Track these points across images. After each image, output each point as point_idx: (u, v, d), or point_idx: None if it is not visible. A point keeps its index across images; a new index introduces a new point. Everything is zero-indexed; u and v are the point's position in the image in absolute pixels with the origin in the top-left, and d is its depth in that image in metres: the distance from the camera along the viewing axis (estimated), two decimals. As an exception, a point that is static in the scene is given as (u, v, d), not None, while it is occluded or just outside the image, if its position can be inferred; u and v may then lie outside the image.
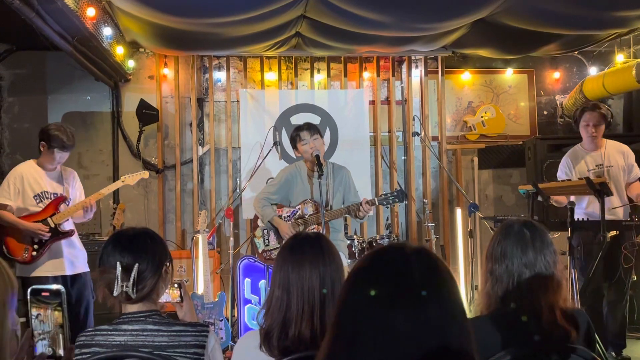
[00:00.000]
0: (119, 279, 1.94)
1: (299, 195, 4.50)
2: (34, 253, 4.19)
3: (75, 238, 4.42)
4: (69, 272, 4.31)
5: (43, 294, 1.53)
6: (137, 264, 1.96)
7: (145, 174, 4.83)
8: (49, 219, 4.23)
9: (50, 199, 4.29)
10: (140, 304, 1.99)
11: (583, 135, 4.68)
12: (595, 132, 4.58)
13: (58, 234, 4.26)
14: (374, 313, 1.02)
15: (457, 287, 1.08)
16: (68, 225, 4.36)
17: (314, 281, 1.88)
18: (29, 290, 1.57)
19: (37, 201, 4.26)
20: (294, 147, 4.50)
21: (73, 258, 4.37)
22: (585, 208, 4.52)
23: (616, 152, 4.65)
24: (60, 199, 4.32)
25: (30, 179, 4.27)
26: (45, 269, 4.23)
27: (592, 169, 4.60)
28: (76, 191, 4.50)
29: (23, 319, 1.59)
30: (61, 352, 1.53)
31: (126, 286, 1.94)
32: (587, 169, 4.59)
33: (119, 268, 1.94)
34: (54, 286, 1.56)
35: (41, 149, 4.26)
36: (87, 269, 4.45)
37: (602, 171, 4.56)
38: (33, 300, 1.52)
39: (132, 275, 1.94)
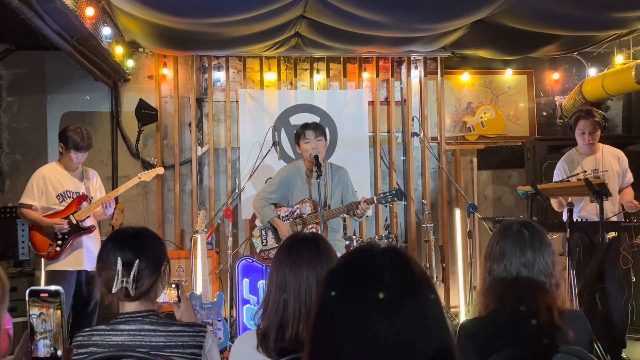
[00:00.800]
0: (120, 274, 1.94)
1: (297, 194, 4.51)
2: (58, 249, 4.46)
3: (95, 235, 4.67)
4: (87, 267, 4.51)
5: (42, 295, 1.53)
6: (137, 260, 1.96)
7: (161, 170, 5.17)
8: (70, 216, 4.50)
9: (73, 197, 4.58)
10: (137, 303, 1.99)
11: (579, 142, 4.69)
12: (591, 139, 4.60)
13: (79, 230, 4.54)
14: (349, 316, 1.01)
15: (432, 285, 1.07)
16: (89, 222, 4.61)
17: (311, 282, 1.88)
18: (27, 291, 1.58)
19: (60, 200, 4.55)
20: (297, 142, 4.55)
21: (91, 255, 4.54)
22: (579, 212, 4.52)
23: (611, 157, 4.67)
24: (82, 197, 4.59)
25: (53, 180, 4.56)
26: (68, 263, 4.50)
27: (588, 173, 4.61)
28: (97, 190, 4.76)
29: (22, 319, 1.59)
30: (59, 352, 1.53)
31: (126, 282, 1.94)
32: (584, 174, 4.61)
33: (119, 264, 1.94)
34: (53, 287, 1.56)
35: (60, 150, 4.58)
36: None
37: (597, 176, 4.57)
38: (34, 300, 1.52)
39: (133, 271, 1.95)
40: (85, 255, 4.53)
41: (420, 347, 1.00)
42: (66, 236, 4.48)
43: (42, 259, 4.60)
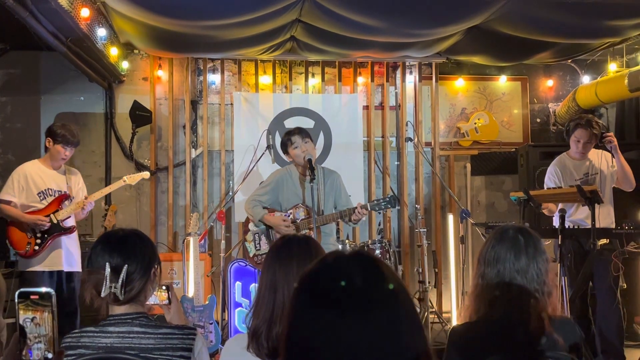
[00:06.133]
0: (108, 280, 1.92)
1: (289, 198, 4.49)
2: (36, 247, 4.36)
3: (75, 236, 4.58)
4: (65, 268, 4.45)
5: (32, 297, 1.52)
6: (126, 265, 1.95)
7: (146, 175, 5.07)
8: (51, 215, 4.40)
9: (54, 196, 4.47)
10: (127, 306, 1.98)
11: (571, 147, 4.71)
12: (583, 150, 4.62)
13: (60, 229, 4.44)
14: (321, 325, 0.99)
15: (404, 287, 1.05)
16: (69, 222, 4.52)
17: None
18: (17, 293, 1.56)
19: (41, 198, 4.44)
20: (285, 151, 4.50)
21: (70, 255, 4.51)
22: (569, 216, 4.54)
23: (602, 159, 4.68)
24: (64, 197, 4.50)
25: (35, 177, 4.46)
26: (45, 263, 4.40)
27: (580, 178, 4.63)
28: (79, 190, 4.67)
29: (12, 320, 1.58)
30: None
31: (115, 287, 1.92)
32: (575, 178, 4.62)
33: (108, 269, 1.93)
34: (43, 289, 1.55)
35: (47, 145, 4.47)
36: (81, 269, 4.55)
37: (588, 180, 4.59)
38: (27, 304, 1.51)
39: (121, 276, 1.93)
40: (63, 255, 4.45)
41: (397, 353, 0.98)
42: (45, 235, 4.38)
43: (18, 259, 4.49)
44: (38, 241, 4.36)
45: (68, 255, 4.46)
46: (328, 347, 0.97)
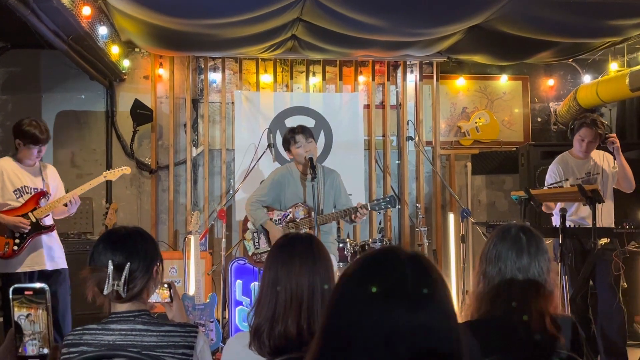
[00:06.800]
0: (110, 278, 1.93)
1: (290, 197, 4.49)
2: (15, 247, 4.18)
3: (54, 234, 4.41)
4: (48, 267, 4.31)
5: (26, 293, 1.52)
6: (129, 263, 1.95)
7: (127, 170, 4.76)
8: (29, 214, 4.22)
9: (31, 193, 4.29)
10: (129, 304, 1.98)
11: (575, 146, 4.71)
12: (587, 150, 4.62)
13: (39, 228, 4.26)
14: (366, 316, 1.03)
15: (449, 292, 1.10)
16: (48, 220, 4.36)
17: (302, 278, 1.88)
18: (10, 289, 1.55)
19: (17, 196, 4.26)
20: (287, 149, 4.49)
21: (53, 253, 4.37)
22: (570, 216, 4.54)
23: (604, 159, 4.69)
24: (41, 194, 4.31)
25: (10, 174, 4.27)
26: (25, 264, 4.23)
27: (582, 177, 4.63)
28: (57, 186, 4.50)
29: (-1, 319, 1.57)
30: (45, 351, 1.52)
31: (117, 285, 1.93)
32: (577, 177, 4.62)
33: (110, 267, 1.93)
34: (37, 285, 1.55)
35: (17, 146, 4.28)
36: (66, 266, 4.45)
37: (590, 179, 4.59)
38: (22, 300, 1.51)
39: (124, 274, 1.94)
40: (45, 254, 4.29)
41: (433, 352, 1.02)
42: (25, 235, 4.19)
43: None
44: (17, 241, 4.17)
45: (50, 253, 4.31)
46: (366, 339, 1.02)
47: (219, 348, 4.78)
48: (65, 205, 4.39)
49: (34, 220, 4.22)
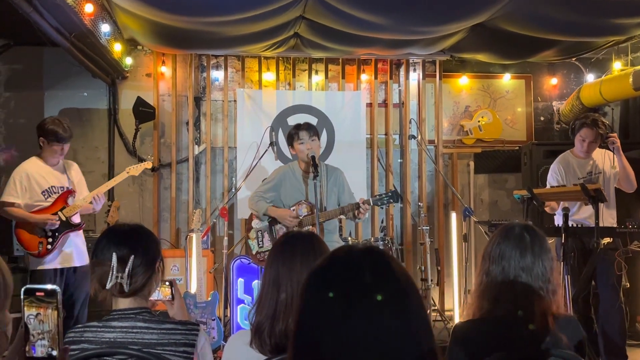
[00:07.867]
0: (114, 270, 1.93)
1: (292, 195, 4.49)
2: (49, 246, 4.32)
3: (81, 232, 4.56)
4: (77, 263, 4.43)
5: (38, 293, 1.52)
6: (132, 256, 1.96)
7: (148, 164, 4.97)
8: (59, 213, 4.36)
9: (58, 193, 4.41)
10: (130, 300, 1.98)
11: (576, 146, 4.70)
12: (588, 150, 4.61)
13: (70, 226, 4.41)
14: (330, 319, 0.98)
15: (414, 286, 1.04)
16: (77, 218, 4.49)
17: (303, 275, 1.87)
18: (22, 289, 1.56)
19: (46, 196, 4.38)
20: (290, 144, 4.50)
21: (80, 251, 4.50)
22: (572, 215, 4.52)
23: (605, 158, 4.67)
24: (68, 192, 4.44)
25: (36, 175, 4.37)
26: (57, 261, 4.36)
27: (583, 176, 4.62)
28: (79, 183, 4.62)
29: (18, 314, 1.57)
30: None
31: (121, 277, 1.93)
32: (578, 177, 4.61)
33: (114, 259, 1.94)
34: (49, 286, 1.55)
35: (41, 144, 4.37)
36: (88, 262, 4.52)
37: (591, 179, 4.58)
38: (32, 300, 1.51)
39: (128, 267, 1.94)
40: (74, 251, 4.43)
41: (404, 350, 0.98)
42: (56, 233, 4.33)
43: (30, 258, 4.38)
44: (50, 240, 4.31)
45: (78, 251, 4.46)
46: (336, 341, 0.97)
47: (221, 346, 4.78)
48: (90, 202, 4.50)
49: (64, 219, 4.35)
